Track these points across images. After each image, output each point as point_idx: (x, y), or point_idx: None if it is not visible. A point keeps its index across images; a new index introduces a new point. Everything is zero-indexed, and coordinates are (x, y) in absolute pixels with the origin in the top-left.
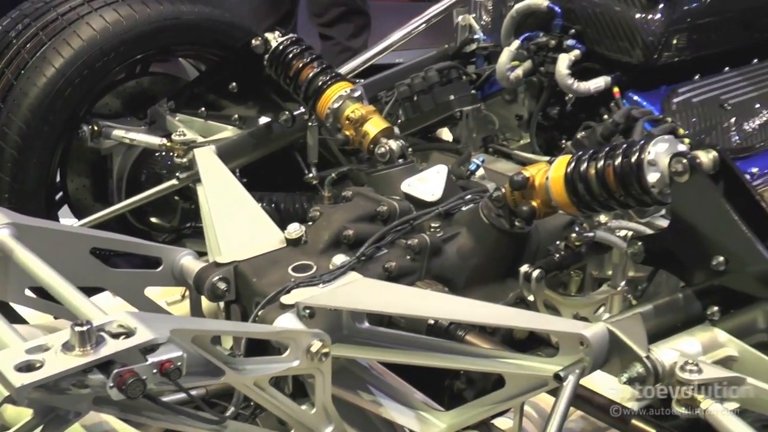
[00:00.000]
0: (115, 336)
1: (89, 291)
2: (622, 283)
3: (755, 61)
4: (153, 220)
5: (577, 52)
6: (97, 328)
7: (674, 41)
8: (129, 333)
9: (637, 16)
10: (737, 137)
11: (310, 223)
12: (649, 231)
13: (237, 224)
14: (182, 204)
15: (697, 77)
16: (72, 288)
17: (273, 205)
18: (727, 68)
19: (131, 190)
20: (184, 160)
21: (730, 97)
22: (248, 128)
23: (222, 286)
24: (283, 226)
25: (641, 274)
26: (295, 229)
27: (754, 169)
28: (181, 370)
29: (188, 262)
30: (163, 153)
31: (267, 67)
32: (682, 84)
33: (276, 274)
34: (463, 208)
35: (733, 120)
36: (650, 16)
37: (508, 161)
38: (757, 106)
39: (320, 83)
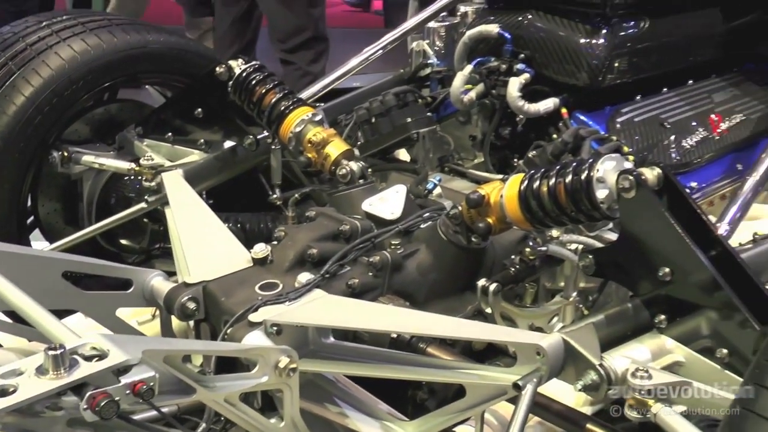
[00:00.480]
0: (88, 358)
1: (62, 313)
2: (574, 294)
3: (690, 82)
4: (123, 241)
5: (527, 75)
6: (70, 351)
7: (617, 64)
8: (102, 355)
9: (582, 41)
10: (676, 154)
11: (276, 242)
12: (598, 244)
13: (205, 245)
14: (151, 226)
15: (638, 98)
16: (45, 312)
17: (239, 225)
18: (665, 89)
19: (101, 213)
20: (153, 183)
21: (669, 116)
22: (214, 152)
23: (191, 305)
24: (249, 246)
25: (592, 285)
26: (261, 249)
27: (693, 184)
28: (153, 390)
29: (158, 283)
30: (132, 177)
31: (231, 93)
32: (625, 104)
33: (243, 293)
34: (422, 226)
35: (672, 138)
36: (594, 41)
37: (463, 180)
38: (694, 124)
39: (283, 108)
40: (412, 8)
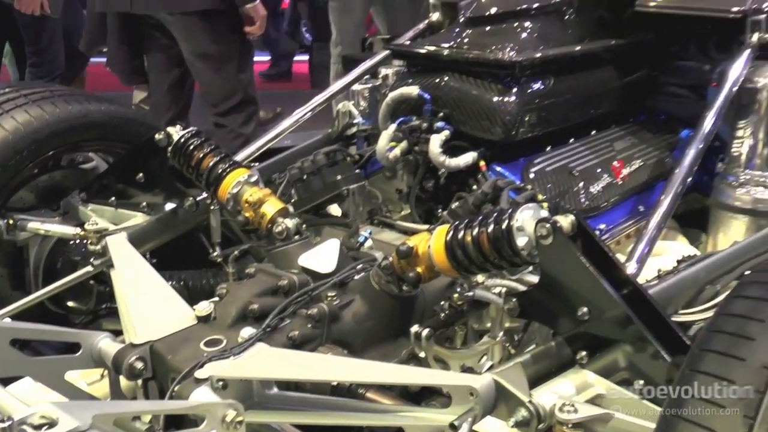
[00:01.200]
0: (38, 428)
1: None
2: (501, 334)
3: (594, 132)
4: (70, 304)
5: (446, 132)
6: (19, 422)
7: (527, 119)
8: (52, 423)
9: (496, 99)
10: (585, 199)
11: (218, 299)
12: (520, 286)
13: (150, 305)
14: (97, 287)
15: (548, 149)
16: None
17: (182, 283)
18: (572, 140)
19: (48, 277)
20: (98, 247)
21: (577, 165)
22: (156, 214)
23: (139, 365)
24: (192, 302)
25: (516, 325)
26: (204, 307)
27: (602, 225)
28: None
29: (106, 345)
30: (77, 241)
31: (170, 158)
32: (537, 155)
33: (189, 350)
34: (356, 277)
35: (581, 184)
36: (506, 99)
37: (392, 231)
38: (599, 170)
39: (220, 171)
40: (334, 71)
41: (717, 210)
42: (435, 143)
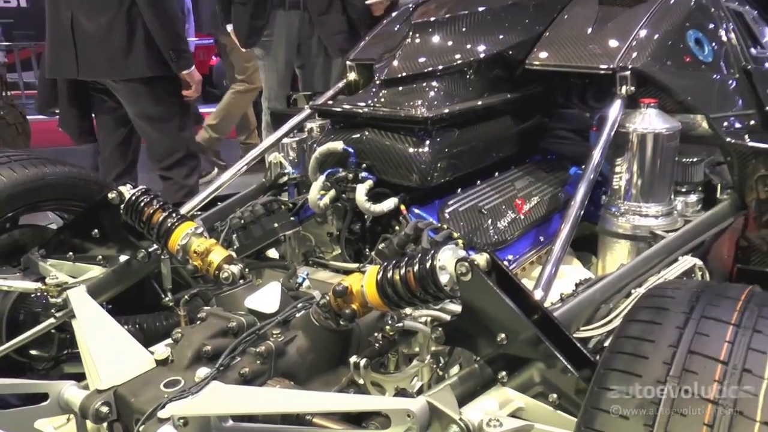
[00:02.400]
0: None
1: None
2: (428, 357)
3: (497, 174)
4: (33, 352)
5: (370, 182)
6: None
7: (439, 166)
8: None
9: (411, 150)
10: (494, 234)
11: (174, 343)
12: (444, 315)
13: (111, 352)
14: (58, 335)
15: (459, 191)
16: None
17: (137, 326)
18: (479, 182)
19: (11, 330)
20: (59, 299)
21: (485, 204)
22: (111, 266)
23: (105, 409)
24: (148, 343)
25: (441, 348)
26: (162, 351)
27: (510, 256)
28: None
29: (72, 393)
30: (38, 294)
31: (123, 214)
32: (450, 197)
33: (151, 392)
34: (297, 315)
35: (489, 221)
36: (421, 150)
37: (326, 271)
38: (504, 207)
39: (169, 224)
40: (264, 122)
41: (603, 236)
42: (361, 192)
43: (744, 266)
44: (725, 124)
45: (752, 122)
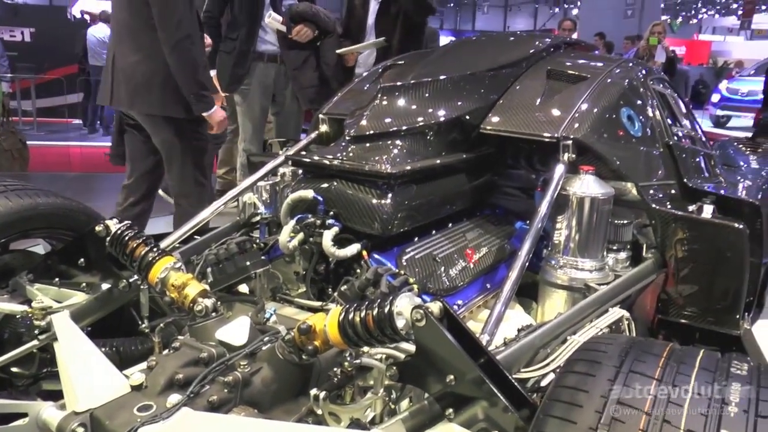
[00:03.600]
0: None
1: None
2: (381, 391)
3: (450, 225)
4: (14, 369)
5: (336, 228)
6: None
7: (399, 217)
8: None
9: (374, 201)
10: (447, 280)
11: (149, 370)
12: (398, 353)
13: (90, 377)
14: (39, 355)
15: (416, 239)
16: None
17: (114, 349)
18: (434, 232)
19: None
20: (43, 323)
21: (439, 252)
22: (94, 293)
23: (80, 431)
24: (123, 365)
25: (394, 383)
26: (137, 377)
27: (459, 301)
28: None
29: (50, 414)
30: (24, 316)
31: (108, 246)
32: (407, 245)
33: (125, 416)
34: (264, 348)
35: (443, 269)
36: (383, 201)
37: (292, 307)
38: (456, 256)
39: (150, 258)
40: (240, 162)
41: (543, 285)
42: (327, 237)
43: (664, 317)
44: (651, 191)
45: (673, 191)
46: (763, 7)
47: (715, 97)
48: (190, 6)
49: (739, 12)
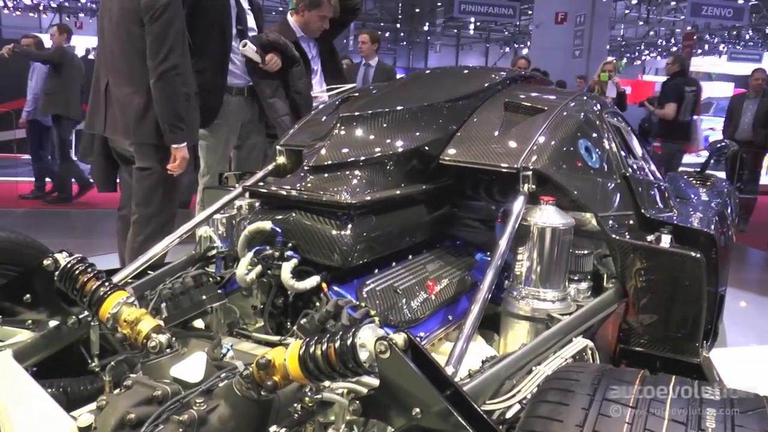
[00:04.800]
0: None
1: None
2: (343, 427)
3: (411, 257)
4: None
5: (295, 260)
6: None
7: (359, 248)
8: None
9: (334, 233)
10: (408, 312)
11: (99, 410)
12: (359, 387)
13: (34, 420)
14: None
15: (376, 271)
16: None
17: (61, 390)
18: (394, 263)
19: None
20: None
21: (400, 284)
22: (40, 331)
23: None
24: (70, 407)
25: (356, 418)
26: (85, 419)
27: (422, 333)
28: None
29: None
30: None
31: (57, 281)
32: (368, 277)
33: None
34: (221, 384)
35: (403, 300)
36: (343, 233)
37: (249, 342)
38: (417, 288)
39: (101, 293)
40: (199, 197)
41: (506, 316)
42: (286, 269)
43: (625, 346)
44: (610, 222)
45: (631, 222)
46: (699, 51)
47: None
48: (182, 37)
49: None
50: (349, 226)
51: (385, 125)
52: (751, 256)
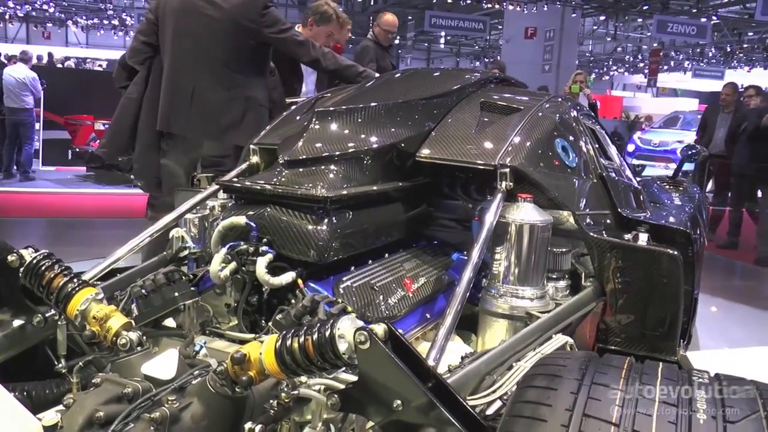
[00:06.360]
0: None
1: None
2: (320, 425)
3: (387, 255)
4: None
5: (270, 255)
6: None
7: (336, 244)
8: None
9: (310, 227)
10: (385, 309)
11: (65, 409)
12: (336, 383)
13: None
14: None
15: (353, 269)
16: None
17: (25, 394)
18: (370, 261)
19: None
20: None
21: (376, 282)
22: (3, 331)
23: None
24: (36, 411)
25: (333, 416)
26: (51, 417)
27: (400, 330)
28: None
29: None
30: None
31: (22, 278)
32: (344, 274)
33: None
34: (193, 382)
35: (381, 297)
36: (319, 228)
37: (222, 340)
38: (394, 286)
39: (69, 289)
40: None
41: (484, 315)
42: (261, 264)
43: (603, 346)
44: (588, 220)
45: (608, 221)
46: (665, 67)
47: (630, 147)
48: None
49: (646, 70)
50: (326, 221)
51: (360, 120)
52: (720, 264)
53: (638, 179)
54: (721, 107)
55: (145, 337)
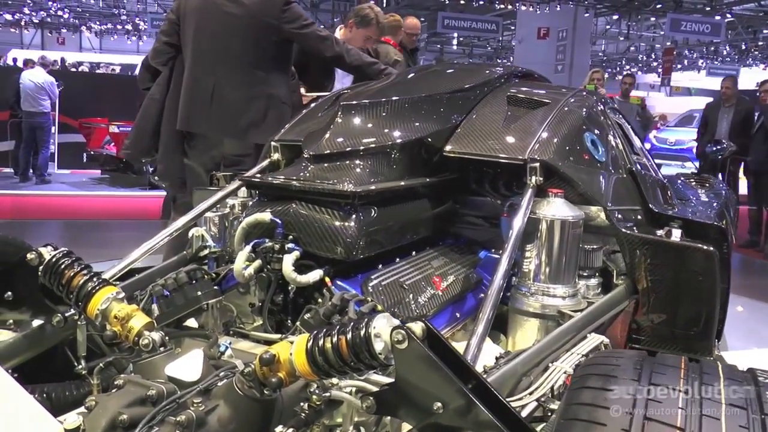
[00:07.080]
0: None
1: None
2: (351, 428)
3: (414, 253)
4: None
5: (296, 253)
6: None
7: (364, 241)
8: None
9: (337, 224)
10: (415, 308)
11: (87, 412)
12: (369, 386)
13: (17, 423)
14: None
15: (380, 266)
16: None
17: (45, 395)
18: (398, 259)
19: None
20: None
21: (405, 280)
22: (23, 331)
23: None
24: (55, 413)
25: (365, 419)
26: (73, 420)
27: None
28: None
29: None
30: None
31: (41, 276)
32: (372, 272)
33: None
34: (220, 383)
35: (410, 296)
36: (347, 224)
37: (247, 341)
38: (423, 284)
39: (89, 288)
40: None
41: (514, 314)
42: (288, 262)
43: (636, 345)
44: (619, 216)
45: (639, 217)
46: (679, 66)
47: (646, 146)
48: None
49: (659, 69)
50: (353, 217)
51: (386, 114)
52: (744, 263)
53: (663, 175)
54: (721, 101)
55: (167, 338)
